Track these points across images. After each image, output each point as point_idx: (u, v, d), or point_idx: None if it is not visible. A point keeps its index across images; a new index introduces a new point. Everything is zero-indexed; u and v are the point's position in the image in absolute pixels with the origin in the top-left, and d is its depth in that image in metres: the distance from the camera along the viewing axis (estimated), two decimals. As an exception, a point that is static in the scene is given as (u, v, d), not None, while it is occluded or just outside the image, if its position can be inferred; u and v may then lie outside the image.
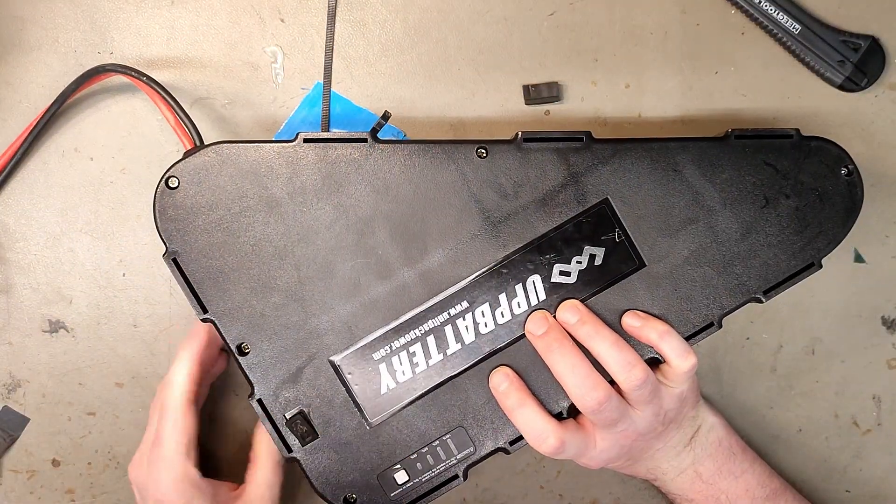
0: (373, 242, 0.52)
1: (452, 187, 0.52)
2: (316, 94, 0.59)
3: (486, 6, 0.59)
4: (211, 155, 0.51)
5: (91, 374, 0.61)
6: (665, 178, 0.53)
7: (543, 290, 0.53)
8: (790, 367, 0.62)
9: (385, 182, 0.52)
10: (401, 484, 0.54)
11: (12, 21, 0.59)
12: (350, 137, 0.52)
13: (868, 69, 0.59)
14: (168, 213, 0.51)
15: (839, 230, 0.54)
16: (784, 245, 0.54)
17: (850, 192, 0.54)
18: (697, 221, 0.54)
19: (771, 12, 0.58)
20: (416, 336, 0.53)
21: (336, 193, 0.52)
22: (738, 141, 0.53)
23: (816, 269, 0.54)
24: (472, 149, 0.52)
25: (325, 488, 0.53)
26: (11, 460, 0.61)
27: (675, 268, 0.54)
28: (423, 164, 0.52)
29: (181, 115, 0.54)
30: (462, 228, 0.53)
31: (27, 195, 0.59)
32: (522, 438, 0.53)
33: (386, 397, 0.53)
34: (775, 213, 0.54)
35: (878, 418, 0.63)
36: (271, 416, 0.53)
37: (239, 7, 0.59)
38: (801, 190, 0.54)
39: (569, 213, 0.53)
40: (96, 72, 0.55)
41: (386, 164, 0.52)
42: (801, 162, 0.54)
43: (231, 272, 0.52)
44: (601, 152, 0.53)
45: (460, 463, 0.54)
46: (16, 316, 0.60)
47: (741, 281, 0.54)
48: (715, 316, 0.54)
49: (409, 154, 0.52)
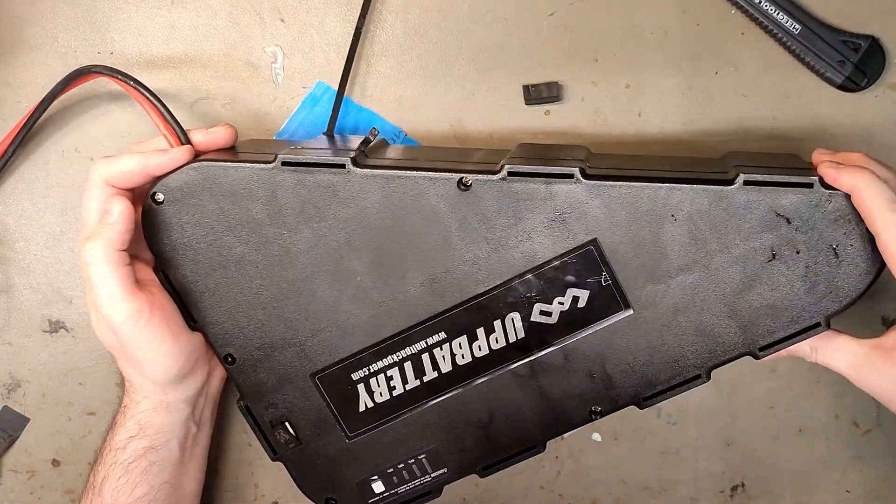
0: (351, 269, 0.51)
1: (432, 218, 0.50)
2: (317, 93, 0.59)
3: (486, 6, 0.59)
4: (193, 173, 0.50)
5: (91, 374, 0.61)
6: (661, 222, 0.49)
7: (523, 329, 0.52)
8: (790, 367, 0.62)
9: (363, 210, 0.50)
10: (378, 493, 0.55)
11: (12, 21, 0.59)
12: (328, 163, 0.50)
13: (868, 69, 0.59)
14: (155, 227, 0.51)
15: (854, 291, 0.49)
16: (789, 302, 0.49)
17: (872, 251, 0.48)
18: (693, 271, 0.49)
19: (771, 12, 0.58)
20: (393, 361, 0.53)
21: (314, 218, 0.51)
22: (746, 187, 0.48)
23: (823, 329, 0.50)
24: (455, 180, 0.49)
25: (308, 489, 0.56)
26: (11, 460, 0.61)
27: (664, 316, 0.50)
28: (403, 194, 0.50)
29: (168, 118, 0.53)
30: (441, 260, 0.51)
31: (27, 195, 0.59)
32: (494, 466, 0.54)
33: (364, 415, 0.54)
34: (783, 268, 0.49)
35: (878, 418, 0.63)
36: (258, 422, 0.54)
37: (239, 7, 0.59)
38: (815, 245, 0.48)
39: (554, 252, 0.50)
40: (80, 73, 0.54)
41: (364, 192, 0.50)
42: (819, 214, 0.48)
43: (216, 287, 0.52)
44: (592, 189, 0.49)
45: (434, 481, 0.55)
46: (16, 316, 0.60)
47: (735, 336, 0.50)
48: (703, 368, 0.51)
49: (389, 182, 0.50)
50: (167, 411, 0.54)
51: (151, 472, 0.54)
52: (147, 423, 0.54)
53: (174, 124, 0.53)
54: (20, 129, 0.56)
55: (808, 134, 0.60)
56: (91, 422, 0.61)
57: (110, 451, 0.54)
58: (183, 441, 0.55)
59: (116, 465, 0.54)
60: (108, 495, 0.54)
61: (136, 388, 0.54)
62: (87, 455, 0.61)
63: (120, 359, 0.54)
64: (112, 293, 0.49)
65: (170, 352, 0.52)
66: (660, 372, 0.51)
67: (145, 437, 0.54)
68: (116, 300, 0.49)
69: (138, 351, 0.51)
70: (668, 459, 0.63)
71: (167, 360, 0.52)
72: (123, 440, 0.54)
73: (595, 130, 0.60)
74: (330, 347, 0.53)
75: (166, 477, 0.55)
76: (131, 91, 0.53)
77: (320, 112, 0.59)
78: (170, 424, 0.54)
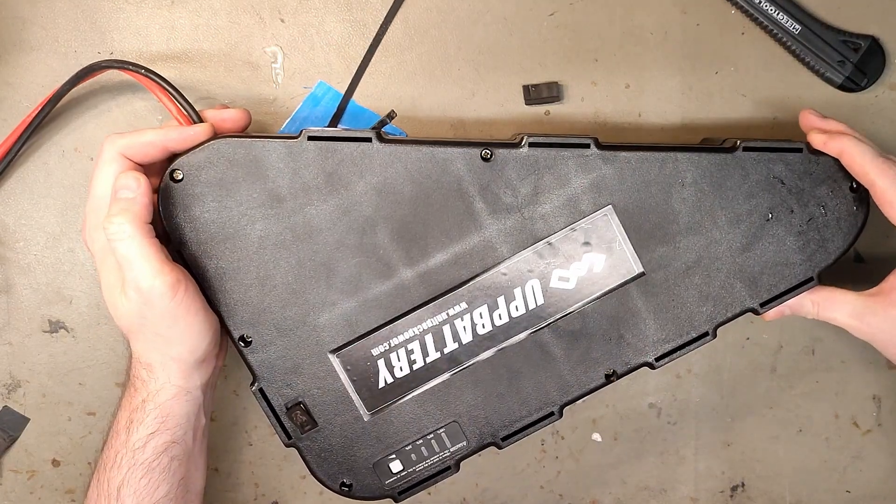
0: (374, 242, 0.52)
1: (455, 189, 0.52)
2: (318, 94, 0.59)
3: (486, 6, 0.59)
4: (214, 149, 0.51)
5: (91, 374, 0.61)
6: (670, 187, 0.53)
7: (542, 295, 0.53)
8: (790, 367, 0.62)
9: (388, 182, 0.52)
10: (395, 473, 0.55)
11: (12, 21, 0.59)
12: (354, 136, 0.52)
13: (868, 69, 0.59)
14: (173, 206, 0.51)
15: (840, 246, 0.54)
16: (785, 259, 0.54)
17: (854, 208, 0.54)
18: (700, 232, 0.53)
19: (771, 12, 0.58)
20: (414, 334, 0.53)
21: (339, 192, 0.52)
22: (745, 153, 0.53)
23: (815, 284, 0.54)
24: (477, 151, 0.52)
25: (323, 474, 0.55)
26: (11, 460, 0.61)
27: (674, 277, 0.54)
28: (427, 165, 0.52)
29: (183, 104, 0.53)
30: (463, 230, 0.53)
31: (27, 195, 0.59)
32: (513, 436, 0.54)
33: (383, 391, 0.54)
34: (779, 227, 0.54)
35: (878, 418, 0.63)
36: (272, 405, 0.54)
37: (239, 7, 0.59)
38: (806, 204, 0.54)
39: (570, 219, 0.53)
40: (91, 69, 0.55)
41: (389, 164, 0.52)
42: (809, 176, 0.53)
43: (234, 265, 0.52)
44: (606, 159, 0.53)
45: (453, 455, 0.55)
46: (16, 316, 0.60)
47: (739, 292, 0.54)
48: (710, 326, 0.54)
49: (413, 154, 0.52)
50: (186, 400, 0.53)
51: (171, 469, 0.53)
52: (168, 415, 0.52)
53: (189, 108, 0.53)
54: (29, 125, 0.56)
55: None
56: (91, 422, 0.61)
57: (128, 452, 0.52)
58: (195, 433, 0.54)
59: (136, 467, 0.52)
60: (130, 500, 0.52)
61: (156, 375, 0.52)
62: (87, 455, 0.61)
63: (145, 341, 0.52)
64: (150, 265, 0.49)
65: (202, 327, 0.51)
66: (670, 331, 0.54)
67: (166, 431, 0.53)
68: (155, 272, 0.49)
69: (172, 327, 0.50)
70: (668, 459, 0.63)
71: (198, 337, 0.51)
72: (143, 437, 0.52)
73: (595, 131, 0.60)
74: (350, 323, 0.53)
75: (182, 472, 0.54)
76: (145, 81, 0.54)
77: (321, 112, 0.59)
78: (187, 415, 0.53)
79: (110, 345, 0.61)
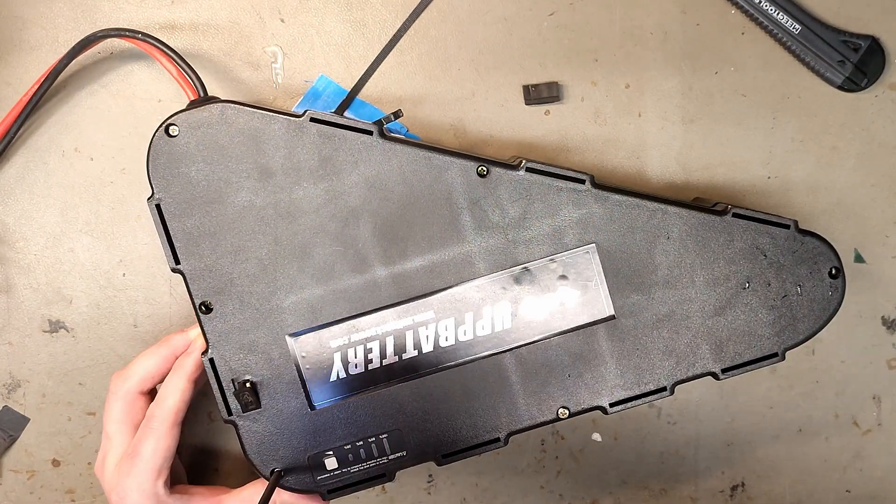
0: (355, 234, 0.52)
1: (445, 198, 0.52)
2: (319, 88, 0.59)
3: (486, 6, 0.59)
4: (215, 111, 0.51)
5: (91, 374, 0.61)
6: (655, 238, 0.53)
7: (510, 319, 0.53)
8: (790, 367, 0.62)
9: (380, 177, 0.52)
10: (329, 470, 0.54)
11: (12, 21, 0.59)
12: (356, 126, 0.52)
13: (868, 69, 0.59)
14: (161, 159, 0.51)
15: (809, 328, 0.54)
16: (754, 330, 0.54)
17: (830, 293, 0.54)
18: (676, 287, 0.53)
19: (771, 12, 0.58)
20: (376, 333, 0.53)
21: (330, 178, 0.52)
22: (734, 219, 0.53)
23: (779, 360, 0.54)
24: (474, 165, 0.52)
25: (256, 457, 0.54)
26: (11, 460, 0.61)
27: (643, 326, 0.54)
28: (422, 169, 0.52)
29: (184, 68, 0.54)
30: (445, 240, 0.53)
31: (27, 195, 0.59)
32: (454, 455, 0.54)
33: (334, 385, 0.53)
34: (754, 297, 0.54)
35: (878, 418, 0.63)
36: (219, 377, 0.53)
37: (239, 7, 0.59)
38: (784, 281, 0.54)
39: (553, 250, 0.53)
40: (88, 41, 0.55)
41: (385, 160, 0.52)
42: (792, 254, 0.54)
43: (211, 230, 0.52)
44: (599, 198, 0.53)
45: (390, 463, 0.54)
46: (16, 316, 0.60)
47: (704, 354, 0.54)
48: (669, 382, 0.54)
49: (411, 155, 0.52)
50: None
51: None
52: None
53: (191, 75, 0.53)
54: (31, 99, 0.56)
55: (807, 134, 0.60)
56: (91, 422, 0.61)
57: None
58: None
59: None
60: None
61: None
62: (87, 455, 0.61)
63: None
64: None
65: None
66: (629, 379, 0.54)
67: None
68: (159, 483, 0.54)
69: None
70: (668, 459, 0.63)
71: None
72: None
73: (595, 130, 0.60)
74: (314, 310, 0.53)
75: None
76: (145, 47, 0.54)
77: (322, 106, 0.59)
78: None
79: (110, 345, 0.61)
